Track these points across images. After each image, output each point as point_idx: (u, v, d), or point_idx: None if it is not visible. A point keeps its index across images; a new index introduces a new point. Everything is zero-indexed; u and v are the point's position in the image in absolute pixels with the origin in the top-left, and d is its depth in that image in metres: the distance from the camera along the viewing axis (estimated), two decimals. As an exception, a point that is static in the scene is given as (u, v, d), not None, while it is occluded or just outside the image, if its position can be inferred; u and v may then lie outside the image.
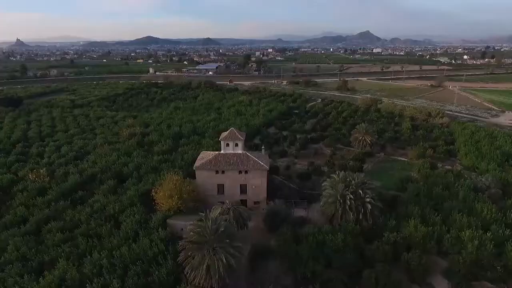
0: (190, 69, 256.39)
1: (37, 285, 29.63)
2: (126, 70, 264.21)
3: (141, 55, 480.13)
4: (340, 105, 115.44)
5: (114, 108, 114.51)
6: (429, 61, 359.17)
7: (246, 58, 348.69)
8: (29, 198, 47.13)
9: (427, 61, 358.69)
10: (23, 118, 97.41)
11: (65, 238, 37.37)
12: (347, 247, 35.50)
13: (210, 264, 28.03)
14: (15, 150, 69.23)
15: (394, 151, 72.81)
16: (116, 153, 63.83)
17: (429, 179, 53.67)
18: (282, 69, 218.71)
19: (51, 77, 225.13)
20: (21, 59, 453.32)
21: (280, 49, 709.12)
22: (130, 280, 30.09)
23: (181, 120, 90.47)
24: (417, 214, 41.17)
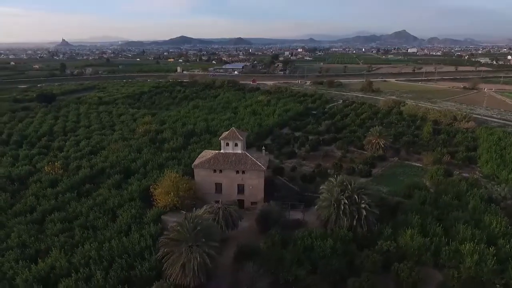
0: (216, 69, 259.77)
1: (29, 271, 31.33)
2: (156, 69, 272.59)
3: (173, 55, 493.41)
4: (360, 106, 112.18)
5: (136, 105, 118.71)
6: (467, 62, 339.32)
7: (273, 57, 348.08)
8: (41, 189, 50.10)
9: (465, 62, 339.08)
10: (52, 114, 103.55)
11: (64, 228, 39.38)
12: (335, 253, 34.40)
13: (185, 262, 28.30)
14: (39, 143, 73.85)
15: (410, 156, 69.58)
16: (128, 149, 66.14)
17: (440, 187, 50.88)
18: (306, 69, 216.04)
19: (86, 75, 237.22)
20: (63, 58, 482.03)
21: (311, 48, 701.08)
22: (114, 272, 31.07)
23: (196, 119, 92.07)
24: (417, 223, 39.06)
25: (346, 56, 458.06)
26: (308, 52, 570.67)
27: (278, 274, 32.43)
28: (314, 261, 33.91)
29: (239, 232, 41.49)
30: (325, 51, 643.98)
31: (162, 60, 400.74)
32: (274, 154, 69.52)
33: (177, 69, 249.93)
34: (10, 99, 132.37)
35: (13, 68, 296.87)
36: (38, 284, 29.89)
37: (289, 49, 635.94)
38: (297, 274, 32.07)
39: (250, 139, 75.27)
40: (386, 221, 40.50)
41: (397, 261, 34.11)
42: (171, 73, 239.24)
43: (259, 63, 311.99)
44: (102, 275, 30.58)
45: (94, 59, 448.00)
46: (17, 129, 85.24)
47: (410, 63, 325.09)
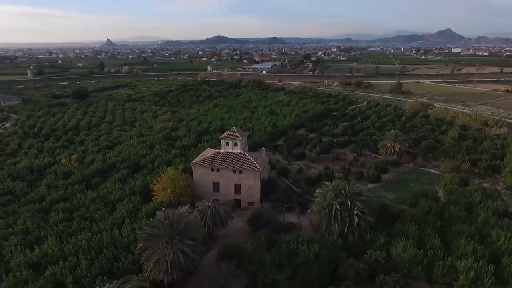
0: (246, 68, 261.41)
1: (23, 256, 33.56)
2: (188, 68, 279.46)
3: (207, 54, 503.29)
4: (384, 109, 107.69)
5: (161, 103, 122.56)
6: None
7: (304, 57, 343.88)
8: (54, 180, 53.42)
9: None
10: (82, 110, 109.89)
11: (65, 218, 41.68)
12: (319, 260, 33.36)
13: (160, 258, 28.84)
14: (64, 137, 78.73)
15: (427, 162, 65.68)
16: (141, 145, 68.56)
17: (451, 196, 47.65)
18: (334, 69, 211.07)
19: (122, 73, 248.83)
20: (105, 57, 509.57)
21: (346, 48, 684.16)
22: (98, 263, 32.39)
23: (213, 117, 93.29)
24: (413, 234, 36.82)
25: (382, 56, 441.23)
26: (343, 52, 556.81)
27: (257, 277, 32.13)
28: (297, 266, 33.14)
29: (232, 232, 41.60)
30: (361, 51, 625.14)
31: (195, 59, 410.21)
32: (283, 155, 68.83)
33: (207, 68, 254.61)
34: (49, 95, 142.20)
35: (60, 66, 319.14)
36: (28, 268, 31.92)
37: (324, 49, 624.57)
38: (275, 278, 31.59)
39: (262, 139, 75.26)
40: (384, 229, 38.59)
41: (385, 272, 32.43)
42: (201, 72, 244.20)
43: (289, 62, 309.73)
44: (87, 264, 31.99)
45: (133, 58, 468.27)
46: (49, 123, 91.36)
47: (451, 63, 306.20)
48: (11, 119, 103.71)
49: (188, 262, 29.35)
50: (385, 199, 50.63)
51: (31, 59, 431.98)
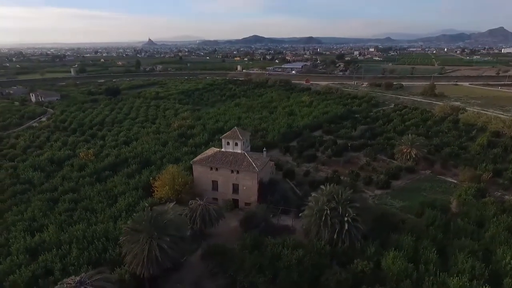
0: (275, 68, 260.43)
1: (23, 242, 36.03)
2: (219, 67, 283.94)
3: (240, 54, 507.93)
4: (411, 112, 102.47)
5: (185, 101, 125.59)
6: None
7: (337, 57, 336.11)
8: (70, 172, 56.75)
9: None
10: (111, 106, 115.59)
11: (69, 208, 44.10)
12: (301, 265, 32.51)
13: (137, 252, 29.63)
14: (88, 132, 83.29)
15: (447, 169, 61.55)
16: (155, 141, 70.80)
17: (462, 208, 44.34)
18: (364, 70, 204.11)
19: (156, 72, 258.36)
20: (144, 56, 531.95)
21: (385, 48, 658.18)
22: (87, 253, 33.95)
23: (230, 116, 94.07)
24: (409, 245, 34.69)
25: (422, 57, 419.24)
26: (381, 52, 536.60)
27: (236, 278, 31.99)
28: (278, 270, 32.55)
29: (225, 231, 41.77)
30: (400, 51, 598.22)
31: (228, 58, 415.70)
32: (293, 156, 67.85)
33: (237, 68, 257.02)
34: (86, 92, 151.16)
35: (101, 65, 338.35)
36: (25, 254, 34.22)
37: (360, 49, 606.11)
38: (253, 281, 31.25)
39: (274, 139, 74.72)
40: (378, 239, 36.80)
41: (370, 284, 30.90)
42: (231, 72, 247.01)
43: (321, 62, 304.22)
44: (77, 254, 33.66)
45: (170, 57, 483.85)
46: (77, 118, 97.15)
47: (499, 65, 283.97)
48: (48, 113, 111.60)
49: (165, 258, 29.81)
50: (390, 207, 48.26)
51: (78, 58, 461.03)
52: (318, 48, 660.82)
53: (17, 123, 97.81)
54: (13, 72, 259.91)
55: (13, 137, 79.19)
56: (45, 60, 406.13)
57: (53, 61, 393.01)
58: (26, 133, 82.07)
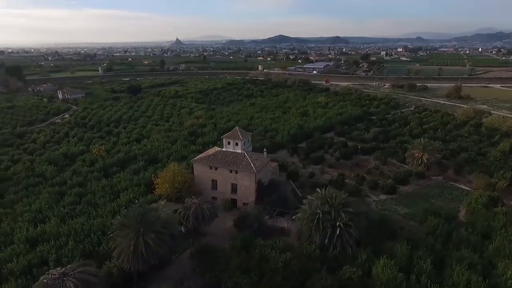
0: (297, 68, 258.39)
1: (26, 232, 37.88)
2: (241, 67, 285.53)
3: (264, 53, 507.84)
4: (431, 114, 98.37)
5: (201, 100, 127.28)
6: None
7: (362, 57, 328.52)
8: (81, 166, 59.06)
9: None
10: (130, 104, 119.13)
11: (74, 201, 45.89)
12: (288, 269, 32.04)
13: (123, 248, 30.36)
14: (105, 128, 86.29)
15: (462, 176, 58.55)
16: (165, 139, 72.22)
17: (470, 217, 42.05)
18: (386, 70, 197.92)
19: (179, 71, 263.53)
20: (170, 55, 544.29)
21: (415, 48, 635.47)
22: (82, 246, 35.20)
23: (242, 116, 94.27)
24: (403, 254, 33.28)
25: (453, 57, 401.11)
26: (409, 52, 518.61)
27: (221, 278, 32.02)
28: (264, 273, 32.24)
29: (220, 230, 41.94)
30: (431, 51, 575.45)
31: (251, 58, 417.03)
32: (300, 158, 67.02)
33: (258, 67, 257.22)
34: (109, 90, 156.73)
35: (128, 63, 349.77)
36: (25, 244, 35.96)
37: (387, 49, 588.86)
38: (238, 282, 31.16)
39: (283, 140, 74.12)
40: (372, 245, 35.62)
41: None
42: (252, 71, 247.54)
43: (344, 63, 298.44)
44: (72, 246, 34.97)
45: (195, 56, 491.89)
46: (97, 115, 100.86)
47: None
48: (71, 110, 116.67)
49: (150, 254, 30.35)
50: (393, 213, 46.58)
51: (108, 57, 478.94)
52: (344, 48, 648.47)
53: (42, 119, 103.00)
54: (47, 70, 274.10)
55: (36, 132, 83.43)
56: (77, 59, 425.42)
57: (84, 60, 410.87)
58: (48, 128, 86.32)
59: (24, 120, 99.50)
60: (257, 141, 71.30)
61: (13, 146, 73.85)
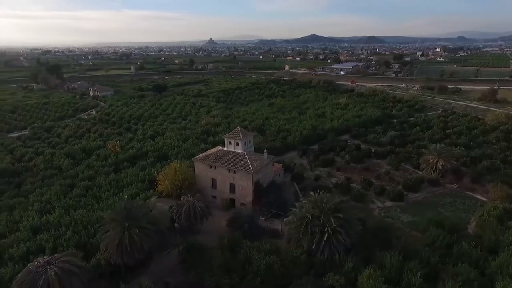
0: (324, 68, 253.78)
1: (31, 220, 40.33)
2: (268, 66, 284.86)
3: (293, 53, 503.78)
4: (457, 118, 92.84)
5: (222, 99, 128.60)
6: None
7: (395, 58, 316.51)
8: (94, 161, 61.87)
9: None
10: (153, 102, 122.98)
11: (80, 194, 48.19)
12: (270, 272, 31.65)
13: (110, 241, 31.46)
14: (125, 125, 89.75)
15: (481, 185, 54.58)
16: (178, 137, 73.84)
17: (478, 231, 39.27)
18: (416, 72, 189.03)
19: (207, 70, 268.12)
20: (202, 54, 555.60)
21: (455, 48, 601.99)
22: (78, 237, 36.90)
23: (258, 116, 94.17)
24: (393, 265, 31.70)
25: (497, 58, 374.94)
26: (448, 52, 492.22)
27: (203, 276, 32.26)
28: (246, 274, 32.06)
29: (214, 229, 42.19)
30: (473, 51, 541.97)
31: (280, 58, 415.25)
32: (308, 159, 65.84)
33: (285, 67, 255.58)
34: (137, 88, 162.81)
35: (160, 62, 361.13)
36: (29, 231, 38.29)
37: (425, 49, 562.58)
38: (218, 281, 31.25)
39: (294, 142, 73.21)
40: (363, 253, 34.28)
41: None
42: (279, 71, 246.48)
43: (375, 63, 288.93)
44: (69, 236, 36.77)
45: (225, 55, 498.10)
46: (120, 112, 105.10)
47: None
48: (99, 107, 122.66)
49: (134, 248, 31.19)
50: (396, 221, 44.51)
51: (142, 56, 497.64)
52: (377, 48, 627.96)
53: (71, 115, 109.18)
54: (85, 69, 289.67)
55: (62, 127, 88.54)
56: (114, 58, 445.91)
57: (120, 59, 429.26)
58: (73, 123, 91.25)
59: (55, 115, 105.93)
60: (268, 141, 71.03)
61: (40, 140, 78.81)
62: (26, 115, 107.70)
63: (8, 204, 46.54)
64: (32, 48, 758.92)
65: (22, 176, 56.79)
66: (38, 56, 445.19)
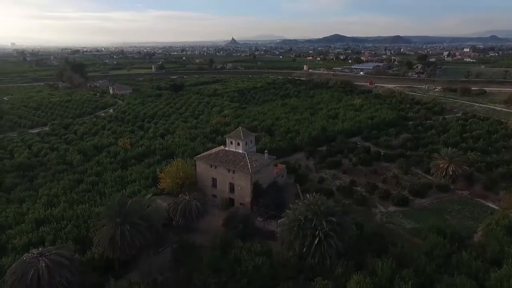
0: (344, 68, 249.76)
1: (37, 213, 42.06)
2: (287, 66, 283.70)
3: (314, 53, 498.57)
4: (477, 122, 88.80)
5: (236, 99, 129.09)
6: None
7: (419, 58, 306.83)
8: (104, 157, 63.72)
9: None
10: (168, 101, 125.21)
11: (86, 189, 49.77)
12: (257, 273, 31.47)
13: (102, 236, 32.32)
14: (138, 123, 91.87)
15: (494, 193, 51.92)
16: (186, 136, 74.81)
17: (482, 240, 37.40)
18: (438, 72, 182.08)
19: (225, 70, 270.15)
20: (222, 54, 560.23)
21: (486, 48, 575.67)
22: (77, 230, 38.15)
23: (269, 116, 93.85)
24: (383, 272, 30.69)
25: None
26: (477, 52, 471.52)
27: (192, 275, 32.51)
28: (235, 274, 32.04)
29: (211, 228, 42.51)
30: (505, 51, 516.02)
31: (300, 58, 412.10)
32: (314, 161, 64.94)
33: (304, 67, 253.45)
34: (155, 87, 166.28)
35: (181, 62, 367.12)
36: (33, 223, 39.96)
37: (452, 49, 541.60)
38: (205, 280, 31.40)
39: (302, 143, 72.46)
40: (355, 259, 33.46)
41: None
42: (297, 71, 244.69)
43: (398, 63, 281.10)
44: (69, 229, 38.09)
45: (245, 55, 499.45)
46: (135, 111, 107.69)
47: None
48: (117, 105, 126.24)
49: (125, 244, 31.88)
50: (398, 227, 43.10)
51: (165, 55, 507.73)
52: (402, 48, 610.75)
53: (89, 112, 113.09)
54: (109, 68, 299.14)
55: (79, 124, 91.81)
56: (137, 58, 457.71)
57: (143, 59, 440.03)
58: (89, 121, 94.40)
59: (75, 113, 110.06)
60: (275, 142, 70.70)
61: (57, 136, 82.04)
62: (49, 112, 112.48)
63: (19, 197, 48.77)
64: (63, 48, 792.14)
65: (35, 170, 59.30)
66: (67, 55, 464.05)
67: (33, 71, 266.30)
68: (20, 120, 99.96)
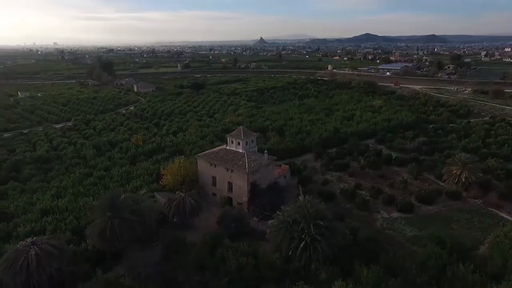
0: (370, 68, 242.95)
1: (43, 204, 44.34)
2: (311, 66, 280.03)
3: (342, 53, 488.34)
4: (505, 126, 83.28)
5: (254, 98, 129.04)
6: None
7: (453, 58, 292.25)
8: (116, 153, 66.02)
9: None
10: (187, 99, 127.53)
11: (93, 182, 51.81)
12: (239, 274, 31.36)
13: (94, 229, 33.51)
14: (154, 120, 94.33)
15: (509, 203, 48.48)
16: (196, 134, 75.91)
17: (482, 251, 35.12)
18: (469, 74, 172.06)
19: (249, 69, 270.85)
20: (249, 53, 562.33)
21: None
22: (76, 222, 39.85)
23: (283, 116, 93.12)
24: (368, 280, 29.55)
25: None
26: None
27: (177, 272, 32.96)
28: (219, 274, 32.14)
29: (207, 226, 42.81)
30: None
31: (327, 57, 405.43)
32: (321, 163, 63.66)
33: (328, 67, 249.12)
34: (178, 85, 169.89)
35: (208, 61, 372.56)
36: (38, 213, 42.18)
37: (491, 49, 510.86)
38: (188, 277, 31.73)
39: (312, 144, 71.36)
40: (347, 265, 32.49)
41: (303, 312, 27.88)
42: (321, 71, 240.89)
43: (429, 64, 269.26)
44: (69, 220, 39.86)
45: (272, 55, 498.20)
46: (154, 108, 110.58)
47: None
48: (138, 102, 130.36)
49: (115, 237, 32.87)
50: (398, 234, 41.36)
51: (193, 55, 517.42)
52: (436, 48, 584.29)
53: (112, 109, 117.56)
54: (138, 66, 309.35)
55: (98, 120, 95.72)
56: (166, 57, 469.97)
57: (172, 58, 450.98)
58: (109, 117, 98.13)
59: (98, 109, 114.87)
60: (284, 142, 70.08)
61: (78, 131, 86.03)
62: (75, 108, 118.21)
63: (32, 188, 51.63)
64: (99, 47, 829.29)
65: (52, 163, 62.53)
66: (101, 54, 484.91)
67: (68, 69, 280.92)
68: (48, 115, 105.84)
